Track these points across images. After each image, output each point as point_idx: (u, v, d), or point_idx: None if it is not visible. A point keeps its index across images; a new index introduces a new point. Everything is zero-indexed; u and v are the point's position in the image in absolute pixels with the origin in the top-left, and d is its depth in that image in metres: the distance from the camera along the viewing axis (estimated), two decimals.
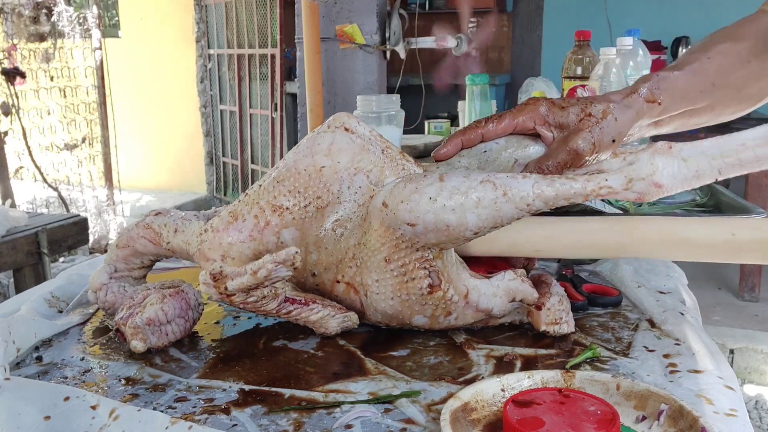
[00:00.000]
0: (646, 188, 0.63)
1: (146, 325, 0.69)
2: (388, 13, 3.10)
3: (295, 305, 0.70)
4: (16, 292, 2.46)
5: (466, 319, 0.70)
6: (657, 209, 1.13)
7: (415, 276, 0.66)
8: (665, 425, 0.52)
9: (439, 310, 0.68)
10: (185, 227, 0.76)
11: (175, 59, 5.53)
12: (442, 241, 0.64)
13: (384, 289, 0.68)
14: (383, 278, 0.67)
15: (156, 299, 0.71)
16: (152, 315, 0.70)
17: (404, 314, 0.69)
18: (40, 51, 4.56)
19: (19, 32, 4.30)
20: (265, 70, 4.78)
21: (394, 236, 0.65)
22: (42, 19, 4.35)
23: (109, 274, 0.79)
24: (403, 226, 0.64)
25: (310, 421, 0.56)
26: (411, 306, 0.68)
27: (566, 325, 0.71)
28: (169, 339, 0.72)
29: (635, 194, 0.64)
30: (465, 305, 0.68)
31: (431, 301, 0.67)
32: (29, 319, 0.73)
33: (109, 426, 0.53)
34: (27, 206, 4.35)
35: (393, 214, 0.64)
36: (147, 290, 0.74)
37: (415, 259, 0.66)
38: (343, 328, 0.72)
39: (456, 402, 0.54)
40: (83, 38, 4.76)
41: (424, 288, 0.66)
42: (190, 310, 0.74)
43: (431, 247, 0.65)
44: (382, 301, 0.69)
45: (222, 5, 5.13)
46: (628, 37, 1.67)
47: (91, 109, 5.04)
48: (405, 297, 0.67)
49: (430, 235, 0.64)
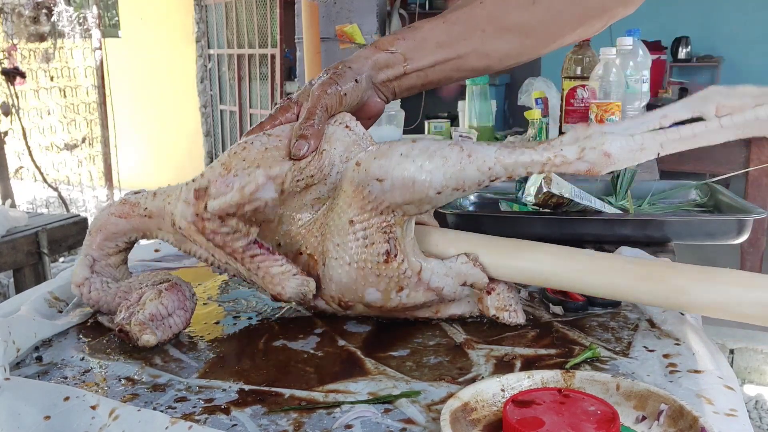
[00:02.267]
0: (597, 158, 0.64)
1: (150, 321, 0.70)
2: (388, 13, 3.10)
3: (262, 250, 0.71)
4: (16, 292, 2.46)
5: (417, 297, 0.71)
6: (657, 209, 1.13)
7: (375, 241, 0.69)
8: (665, 425, 0.52)
9: (393, 283, 0.70)
10: (166, 190, 0.78)
11: (175, 59, 5.53)
12: (406, 199, 0.67)
13: (343, 253, 0.70)
14: (344, 242, 0.69)
15: (153, 295, 0.72)
16: (153, 310, 0.71)
17: (358, 285, 0.70)
18: (40, 51, 4.56)
19: (19, 32, 4.30)
20: (265, 70, 4.78)
21: (361, 195, 0.68)
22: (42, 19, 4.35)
23: (89, 266, 0.78)
24: (372, 182, 0.67)
25: (310, 421, 0.56)
26: (366, 276, 0.69)
27: (515, 314, 0.73)
28: (173, 331, 0.73)
29: (587, 164, 0.65)
30: (417, 281, 0.70)
31: (386, 272, 0.69)
32: (29, 319, 0.73)
33: (109, 426, 0.53)
34: (27, 206, 4.35)
35: (364, 171, 0.67)
36: (140, 290, 0.75)
37: (378, 222, 0.68)
38: (298, 294, 0.71)
39: (456, 402, 0.54)
40: (83, 38, 4.76)
41: (381, 255, 0.69)
42: (187, 300, 0.75)
43: (395, 209, 0.68)
44: (339, 267, 0.70)
45: (222, 5, 5.14)
46: (628, 37, 1.67)
47: (91, 109, 5.04)
48: (362, 264, 0.69)
49: (396, 192, 0.66)
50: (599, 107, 1.57)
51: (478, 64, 0.86)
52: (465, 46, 0.84)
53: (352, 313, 0.75)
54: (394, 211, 0.68)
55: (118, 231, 0.79)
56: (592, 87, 1.59)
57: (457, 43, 0.84)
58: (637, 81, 1.67)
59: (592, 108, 1.59)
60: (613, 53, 1.57)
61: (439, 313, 0.75)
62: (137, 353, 0.70)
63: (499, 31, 0.85)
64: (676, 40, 5.72)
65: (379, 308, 0.73)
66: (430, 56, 0.84)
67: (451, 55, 0.84)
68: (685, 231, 0.98)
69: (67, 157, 4.88)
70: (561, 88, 1.74)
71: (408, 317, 0.76)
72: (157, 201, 0.77)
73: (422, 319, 0.76)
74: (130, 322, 0.70)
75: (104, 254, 0.80)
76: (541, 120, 1.59)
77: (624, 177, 1.16)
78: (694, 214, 1.09)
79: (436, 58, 0.84)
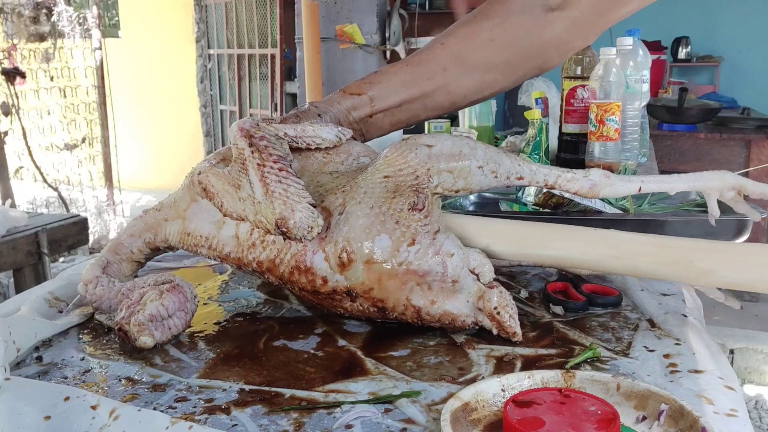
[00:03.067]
0: (599, 178, 0.75)
1: (149, 322, 0.70)
2: (388, 13, 3.10)
3: (291, 171, 0.72)
4: (16, 292, 2.46)
5: (425, 258, 0.69)
6: (657, 209, 1.13)
7: (404, 193, 0.71)
8: (665, 425, 0.52)
9: (408, 234, 0.69)
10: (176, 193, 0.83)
11: (175, 59, 5.53)
12: (450, 167, 0.72)
13: (368, 198, 0.71)
14: (372, 190, 0.71)
15: (154, 296, 0.72)
16: (153, 311, 0.71)
17: (372, 230, 0.69)
18: (40, 51, 4.56)
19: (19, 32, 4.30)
20: (265, 70, 4.78)
21: (405, 158, 0.72)
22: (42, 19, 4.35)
23: (102, 266, 0.79)
24: (421, 147, 0.72)
25: (310, 421, 0.56)
26: (384, 221, 0.69)
27: (513, 320, 0.70)
28: (172, 333, 0.72)
29: (590, 182, 0.74)
30: (431, 241, 0.69)
31: (406, 220, 0.69)
32: (29, 319, 0.73)
33: (109, 426, 0.53)
34: (27, 206, 4.35)
35: (414, 139, 0.73)
36: (142, 289, 0.74)
37: (412, 181, 0.71)
38: (305, 224, 0.69)
39: (456, 402, 0.54)
40: (83, 38, 4.76)
41: (405, 205, 0.70)
42: (188, 302, 0.75)
43: (434, 175, 0.71)
44: (359, 209, 0.70)
45: (222, 5, 5.14)
46: (628, 37, 1.67)
47: (91, 109, 5.04)
48: (384, 209, 0.70)
49: (442, 158, 0.72)
50: (599, 107, 1.57)
51: (443, 100, 0.92)
52: (429, 85, 0.89)
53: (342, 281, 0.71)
54: (431, 177, 0.71)
55: (134, 232, 0.82)
56: (592, 87, 1.59)
57: (421, 82, 0.89)
58: (637, 81, 1.67)
59: (592, 108, 1.59)
60: (613, 53, 1.57)
61: (435, 304, 0.70)
62: (137, 353, 0.70)
63: (461, 69, 0.90)
64: (676, 40, 5.71)
65: (379, 271, 0.69)
66: (396, 96, 0.89)
67: (416, 94, 0.89)
68: (685, 231, 0.98)
69: (67, 157, 4.88)
70: (561, 88, 1.74)
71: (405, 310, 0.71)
72: (167, 199, 0.82)
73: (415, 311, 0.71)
74: (129, 322, 0.70)
75: (118, 258, 0.81)
76: (541, 120, 1.59)
77: None
78: (694, 214, 1.09)
79: (402, 97, 0.89)
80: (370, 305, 0.71)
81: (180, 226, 0.79)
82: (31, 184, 4.55)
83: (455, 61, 0.89)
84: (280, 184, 0.70)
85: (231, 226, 0.75)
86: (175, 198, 0.81)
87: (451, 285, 0.70)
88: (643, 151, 1.81)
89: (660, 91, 4.21)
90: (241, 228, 0.74)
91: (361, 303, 0.71)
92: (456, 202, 1.15)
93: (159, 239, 0.81)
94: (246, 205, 0.73)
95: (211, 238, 0.77)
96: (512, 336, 0.70)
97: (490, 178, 0.74)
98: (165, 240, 0.81)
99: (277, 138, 0.74)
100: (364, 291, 0.70)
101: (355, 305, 0.72)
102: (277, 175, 0.71)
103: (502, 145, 1.97)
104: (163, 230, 0.81)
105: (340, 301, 0.72)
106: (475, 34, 0.89)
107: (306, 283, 0.72)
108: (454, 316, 0.70)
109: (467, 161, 0.72)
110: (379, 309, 0.71)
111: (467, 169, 0.72)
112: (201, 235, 0.77)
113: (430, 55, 0.90)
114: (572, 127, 1.70)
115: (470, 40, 0.89)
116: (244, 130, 0.72)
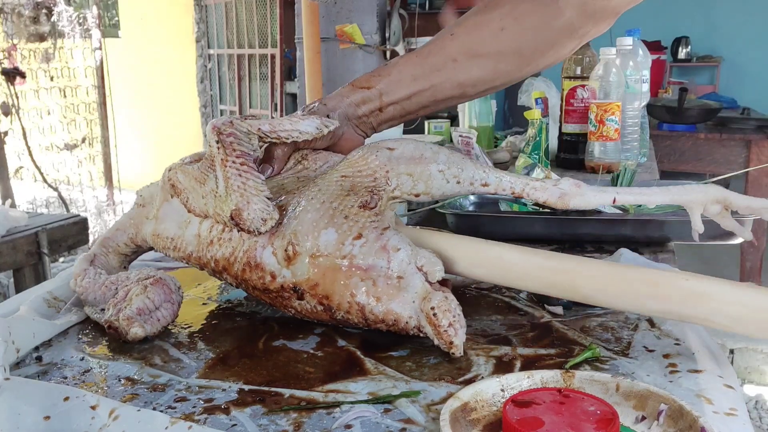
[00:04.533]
0: (569, 187, 0.72)
1: (138, 315, 0.72)
2: (388, 13, 3.10)
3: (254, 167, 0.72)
4: (16, 292, 2.46)
5: (370, 252, 0.67)
6: (657, 209, 1.13)
7: (358, 192, 0.71)
8: (665, 425, 0.52)
9: (354, 229, 0.69)
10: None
11: (175, 59, 5.53)
12: (409, 170, 0.72)
13: (321, 195, 0.71)
14: (327, 186, 0.72)
15: (139, 290, 0.74)
16: (140, 305, 0.72)
17: (320, 223, 0.69)
18: (40, 51, 4.56)
19: (19, 32, 4.30)
20: (265, 70, 4.78)
21: (365, 160, 0.73)
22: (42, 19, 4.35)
23: (89, 260, 0.82)
24: (383, 150, 0.73)
25: (309, 421, 0.56)
26: (333, 216, 0.70)
27: (454, 329, 0.65)
28: (162, 324, 0.74)
29: (560, 191, 0.72)
30: (377, 236, 0.69)
31: (355, 216, 0.69)
32: (29, 319, 0.73)
33: (109, 426, 0.53)
34: (27, 206, 4.35)
35: (377, 142, 0.74)
36: (126, 286, 0.76)
37: (369, 182, 0.72)
38: (259, 217, 0.69)
39: (456, 402, 0.54)
40: (83, 38, 4.76)
41: (357, 203, 0.70)
42: (173, 293, 0.76)
43: (392, 178, 0.72)
44: (310, 204, 0.71)
45: (222, 5, 5.14)
46: (628, 37, 1.67)
47: (91, 109, 5.04)
48: (335, 205, 0.70)
49: (402, 161, 0.72)
50: (599, 107, 1.57)
51: (452, 92, 0.90)
52: (438, 77, 0.88)
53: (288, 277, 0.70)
54: (390, 180, 0.72)
55: (120, 226, 0.85)
56: (592, 87, 1.59)
57: (431, 74, 0.88)
58: (637, 81, 1.67)
59: (592, 108, 1.59)
60: (613, 53, 1.57)
61: (379, 302, 0.67)
62: (137, 353, 0.70)
63: (471, 59, 0.88)
64: (676, 40, 5.72)
65: (324, 265, 0.68)
66: (406, 89, 0.87)
67: (425, 85, 0.88)
68: (685, 231, 0.98)
69: (67, 157, 4.88)
70: (561, 88, 1.74)
71: (350, 308, 0.68)
72: (150, 188, 0.84)
73: (359, 309, 0.67)
74: (118, 318, 0.71)
75: (105, 251, 0.84)
76: (541, 120, 1.59)
77: (624, 177, 1.16)
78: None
79: (412, 90, 0.88)
80: (317, 303, 0.70)
81: (153, 227, 0.81)
82: (31, 184, 4.56)
83: (465, 52, 0.88)
84: (240, 177, 0.71)
85: (194, 225, 0.77)
86: (152, 193, 0.83)
87: (397, 282, 0.67)
88: (643, 151, 1.81)
89: (660, 91, 4.21)
90: (203, 226, 0.76)
91: (308, 301, 0.70)
92: (455, 201, 1.15)
93: (140, 237, 0.83)
94: (208, 200, 0.74)
95: (176, 239, 0.78)
96: (449, 347, 0.64)
97: (452, 183, 0.73)
98: (144, 240, 0.83)
99: (248, 134, 0.73)
100: (309, 287, 0.69)
101: (303, 304, 0.71)
102: (238, 169, 0.71)
103: (502, 145, 1.97)
104: (142, 228, 0.82)
105: (289, 300, 0.71)
106: (485, 23, 0.88)
107: (257, 281, 0.72)
108: (398, 316, 0.67)
109: (427, 165, 0.72)
110: (326, 308, 0.70)
111: (427, 172, 0.72)
112: (168, 236, 0.79)
113: (439, 46, 0.89)
114: (572, 127, 1.71)
115: (480, 30, 0.88)
116: (215, 127, 0.72)
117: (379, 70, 0.89)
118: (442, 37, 0.90)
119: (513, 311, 0.78)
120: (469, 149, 1.61)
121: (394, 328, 0.68)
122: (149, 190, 0.84)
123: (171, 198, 0.79)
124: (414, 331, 0.67)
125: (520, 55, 0.89)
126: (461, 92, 0.90)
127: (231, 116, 0.76)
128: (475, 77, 0.89)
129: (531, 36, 0.88)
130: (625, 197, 0.72)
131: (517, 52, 0.89)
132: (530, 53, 0.89)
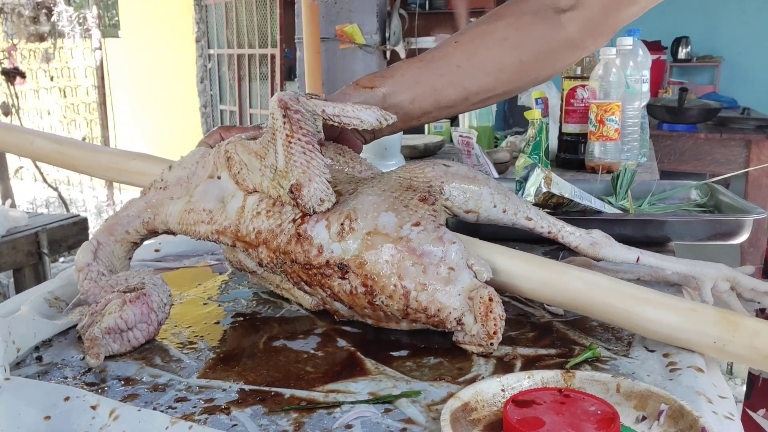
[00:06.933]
0: (601, 238, 0.77)
1: (106, 335, 0.68)
2: (388, 13, 3.10)
3: (317, 146, 0.73)
4: (16, 292, 2.46)
5: (426, 239, 0.68)
6: (657, 209, 1.13)
7: (417, 188, 0.73)
8: (665, 425, 0.52)
9: (414, 217, 0.69)
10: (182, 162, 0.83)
11: (175, 59, 5.53)
12: (462, 186, 0.76)
13: (381, 185, 0.73)
14: (386, 182, 0.74)
15: (115, 307, 0.70)
16: (111, 324, 0.68)
17: (380, 207, 0.70)
18: (40, 51, 4.56)
19: (19, 32, 4.30)
20: (265, 70, 4.78)
21: (422, 170, 0.76)
22: (42, 19, 4.35)
23: (93, 251, 0.77)
24: (438, 165, 0.77)
25: (310, 421, 0.56)
26: (393, 203, 0.70)
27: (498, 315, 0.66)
28: (132, 345, 0.70)
29: (591, 238, 0.77)
30: (435, 228, 0.69)
31: (415, 207, 0.70)
32: (29, 319, 0.73)
33: (109, 426, 0.53)
34: (27, 206, 4.35)
35: (433, 159, 0.79)
36: (112, 293, 0.73)
37: (426, 186, 0.74)
38: (318, 195, 0.70)
39: (456, 402, 0.54)
40: (83, 38, 4.76)
41: (417, 196, 0.72)
42: (152, 313, 0.72)
43: (445, 189, 0.75)
44: (370, 190, 0.72)
45: (222, 5, 5.14)
46: (628, 37, 1.67)
47: (91, 109, 5.04)
48: (396, 195, 0.72)
49: (457, 178, 0.76)
50: (599, 107, 1.57)
51: (455, 96, 0.91)
52: (442, 81, 0.89)
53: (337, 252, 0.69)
54: (444, 188, 0.75)
55: (132, 211, 0.80)
56: (592, 87, 1.60)
57: (434, 78, 0.89)
58: (637, 81, 1.67)
59: (592, 108, 1.59)
60: (613, 53, 1.57)
61: (425, 290, 0.66)
62: (137, 353, 0.70)
63: (475, 66, 0.90)
64: (676, 40, 5.72)
65: (377, 243, 0.68)
66: (408, 92, 0.88)
67: (428, 89, 0.89)
68: (685, 231, 0.98)
69: None
70: (561, 88, 1.74)
71: (393, 292, 0.67)
72: (174, 172, 0.82)
73: (404, 294, 0.67)
74: (86, 333, 0.68)
75: (111, 240, 0.79)
76: (541, 120, 1.59)
77: (624, 177, 1.16)
78: (694, 214, 1.09)
79: (415, 93, 0.88)
80: (360, 284, 0.69)
81: (184, 204, 0.79)
82: (31, 184, 4.56)
83: (469, 59, 0.89)
84: (304, 155, 0.71)
85: (239, 199, 0.76)
86: (186, 175, 0.81)
87: (446, 273, 0.67)
88: (643, 151, 1.81)
89: (660, 91, 4.21)
90: (249, 199, 0.75)
91: (351, 281, 0.69)
92: None
93: (158, 220, 0.80)
94: (264, 173, 0.73)
95: (214, 211, 0.76)
96: (491, 337, 0.66)
97: (499, 209, 0.76)
98: (164, 222, 0.79)
99: (313, 114, 0.74)
100: (357, 265, 0.68)
101: (343, 284, 0.70)
102: (303, 147, 0.71)
103: (502, 145, 1.97)
104: (164, 210, 0.80)
105: (330, 278, 0.70)
106: (489, 33, 0.90)
107: (300, 254, 0.71)
108: (443, 306, 0.67)
109: (480, 186, 0.76)
110: (368, 289, 0.68)
111: (479, 192, 0.76)
112: (204, 209, 0.77)
113: (443, 52, 0.90)
114: (572, 127, 1.71)
115: (483, 39, 0.90)
116: (282, 101, 0.72)
117: (383, 72, 0.90)
118: (447, 44, 0.91)
119: (513, 311, 0.78)
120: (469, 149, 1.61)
121: (433, 320, 0.68)
122: (173, 174, 0.82)
123: (216, 173, 0.78)
124: (452, 325, 0.68)
125: (521, 65, 0.91)
126: (464, 97, 0.91)
127: (295, 91, 0.76)
128: (478, 85, 0.90)
129: (532, 48, 0.90)
130: (648, 259, 0.77)
131: (518, 62, 0.91)
132: (531, 64, 0.92)
